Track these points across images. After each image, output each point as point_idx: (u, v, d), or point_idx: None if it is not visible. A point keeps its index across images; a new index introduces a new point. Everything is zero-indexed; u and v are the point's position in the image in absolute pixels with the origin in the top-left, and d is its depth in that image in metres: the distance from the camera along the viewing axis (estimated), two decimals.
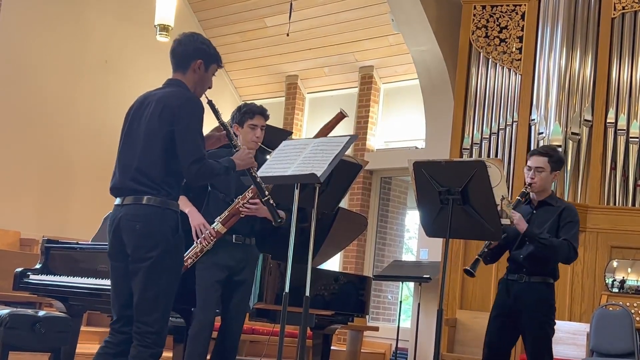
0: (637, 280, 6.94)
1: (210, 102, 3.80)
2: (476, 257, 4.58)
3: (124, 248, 3.48)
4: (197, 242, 4.28)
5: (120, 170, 3.57)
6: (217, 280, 4.27)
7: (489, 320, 4.65)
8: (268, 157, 4.40)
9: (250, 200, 4.29)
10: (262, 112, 4.46)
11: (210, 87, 3.74)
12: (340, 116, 4.72)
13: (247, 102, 4.62)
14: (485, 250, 4.57)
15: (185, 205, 4.35)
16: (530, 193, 4.62)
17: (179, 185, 3.58)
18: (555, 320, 4.60)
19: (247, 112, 4.43)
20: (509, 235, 4.52)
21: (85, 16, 10.15)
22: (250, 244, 4.46)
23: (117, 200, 3.55)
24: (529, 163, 4.62)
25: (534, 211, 4.60)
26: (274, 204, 4.09)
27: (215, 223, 4.30)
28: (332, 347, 5.97)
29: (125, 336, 3.52)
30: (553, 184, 5.16)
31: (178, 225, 3.54)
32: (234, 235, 4.35)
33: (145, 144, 3.50)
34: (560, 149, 7.25)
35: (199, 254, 4.28)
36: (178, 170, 3.50)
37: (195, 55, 3.63)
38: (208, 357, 4.32)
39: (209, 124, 3.86)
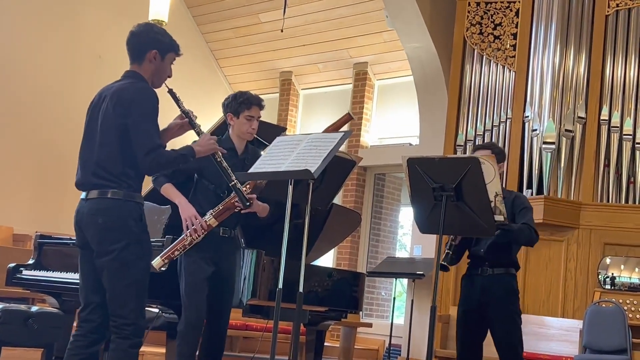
0: (630, 277, 6.96)
1: (170, 91, 3.77)
2: (446, 251, 4.55)
3: (88, 241, 3.51)
4: (186, 234, 4.17)
5: (81, 165, 3.60)
6: (206, 277, 4.22)
7: (457, 317, 4.69)
8: (262, 152, 4.39)
9: (246, 195, 4.23)
10: (259, 103, 4.39)
11: (170, 76, 3.71)
12: (348, 117, 4.67)
13: (243, 90, 4.54)
14: (449, 252, 4.56)
15: (174, 195, 4.26)
16: None
17: (140, 176, 3.57)
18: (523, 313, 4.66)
19: (244, 102, 4.34)
20: None
21: (79, 11, 10.12)
22: (235, 236, 4.40)
23: (82, 195, 3.58)
24: None
25: None
26: (240, 188, 4.07)
27: (208, 216, 4.21)
28: (325, 343, 5.97)
29: (92, 324, 3.53)
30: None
31: (142, 216, 3.54)
32: (221, 228, 4.28)
33: (102, 138, 3.51)
34: (554, 146, 7.27)
35: (187, 246, 4.17)
36: (136, 162, 3.50)
37: (150, 46, 3.61)
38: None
39: (173, 114, 3.86)
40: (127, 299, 3.44)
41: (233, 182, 4.04)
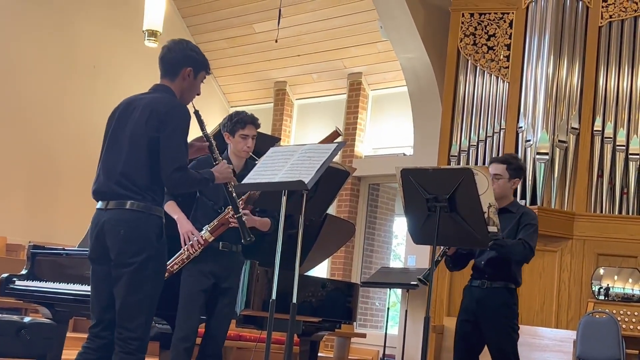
0: (624, 288, 6.97)
1: (196, 112, 3.80)
2: (436, 258, 4.54)
3: (106, 252, 3.46)
4: (184, 249, 4.28)
5: (104, 173, 3.54)
6: (202, 289, 4.27)
7: (456, 326, 4.70)
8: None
9: (240, 211, 4.28)
10: (253, 122, 4.46)
11: (198, 94, 3.74)
12: (335, 134, 4.73)
13: (239, 110, 4.62)
14: (439, 259, 4.57)
15: (174, 211, 4.36)
16: None
17: (163, 191, 3.56)
18: (519, 325, 4.65)
19: (239, 122, 4.42)
20: None
21: (74, 21, 10.14)
22: (236, 251, 4.45)
23: (100, 204, 3.53)
24: (489, 170, 4.63)
25: None
26: (245, 222, 4.15)
27: (204, 231, 4.30)
28: (319, 354, 5.96)
29: (104, 341, 3.50)
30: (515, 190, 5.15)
31: (162, 231, 3.53)
32: (220, 243, 4.35)
33: (131, 149, 3.48)
34: (547, 157, 7.29)
35: (185, 260, 4.29)
36: (161, 176, 3.49)
37: (185, 63, 3.62)
38: None
39: (193, 133, 3.86)
40: (137, 313, 3.42)
41: (240, 214, 4.11)
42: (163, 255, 3.57)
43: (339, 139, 4.89)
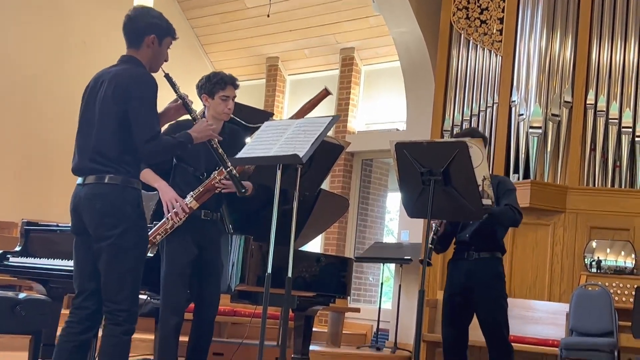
0: (616, 261, 7.01)
1: (167, 75, 3.75)
2: (429, 246, 4.54)
3: (85, 227, 3.48)
4: (167, 217, 4.13)
5: (78, 151, 3.56)
6: (188, 260, 4.18)
7: (443, 301, 4.72)
8: (249, 139, 4.37)
9: (226, 177, 4.19)
10: (233, 82, 4.32)
11: (166, 61, 3.68)
12: (325, 93, 4.68)
13: (216, 71, 4.47)
14: (435, 237, 4.57)
15: (153, 179, 4.21)
16: None
17: (137, 162, 3.55)
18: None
19: (219, 83, 4.28)
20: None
21: None
22: (217, 219, 4.37)
23: (79, 180, 3.54)
24: None
25: None
26: (237, 175, 4.04)
27: (188, 198, 4.17)
28: (313, 329, 5.99)
29: (86, 311, 3.51)
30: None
31: (139, 202, 3.52)
32: (202, 211, 4.24)
33: (100, 124, 3.47)
34: (540, 130, 7.29)
35: (168, 230, 4.14)
36: (134, 148, 3.46)
37: (148, 31, 3.56)
38: (185, 339, 4.29)
39: (168, 97, 3.83)
40: (122, 286, 3.42)
41: (229, 169, 4.01)
42: (142, 227, 3.55)
43: (326, 112, 4.86)
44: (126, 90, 3.44)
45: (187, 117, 3.98)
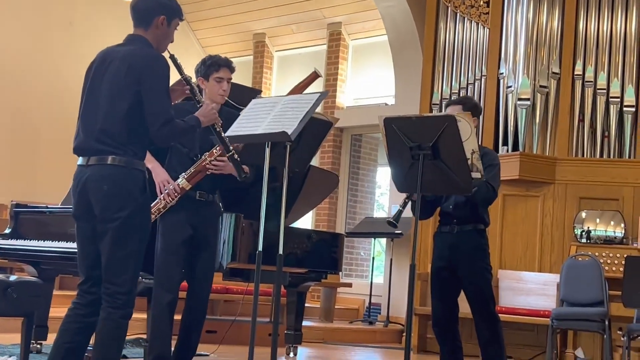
0: (605, 231, 7.05)
1: (172, 57, 3.73)
2: (399, 208, 4.54)
3: (91, 209, 3.43)
4: (160, 198, 4.19)
5: (84, 130, 3.49)
6: (182, 240, 4.20)
7: (431, 274, 4.73)
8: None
9: (217, 158, 4.21)
10: (228, 65, 4.35)
11: (172, 42, 3.67)
12: (314, 76, 4.68)
13: (212, 54, 4.51)
14: (406, 200, 4.53)
15: (148, 160, 4.20)
16: None
17: (144, 144, 3.52)
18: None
19: (213, 65, 4.31)
20: None
21: None
22: (212, 200, 4.39)
23: (81, 160, 3.48)
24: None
25: None
26: (239, 159, 4.05)
27: (180, 179, 4.21)
28: (306, 304, 6.01)
29: (93, 297, 3.49)
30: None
31: (146, 185, 3.50)
32: (197, 192, 4.27)
33: (109, 104, 3.42)
34: (529, 102, 7.30)
35: (162, 210, 4.19)
36: (143, 130, 3.43)
37: (158, 11, 3.53)
38: (178, 317, 4.30)
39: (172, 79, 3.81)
40: (123, 268, 3.39)
41: (231, 153, 4.02)
42: (147, 209, 3.55)
43: (314, 88, 4.84)
44: (141, 72, 3.39)
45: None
